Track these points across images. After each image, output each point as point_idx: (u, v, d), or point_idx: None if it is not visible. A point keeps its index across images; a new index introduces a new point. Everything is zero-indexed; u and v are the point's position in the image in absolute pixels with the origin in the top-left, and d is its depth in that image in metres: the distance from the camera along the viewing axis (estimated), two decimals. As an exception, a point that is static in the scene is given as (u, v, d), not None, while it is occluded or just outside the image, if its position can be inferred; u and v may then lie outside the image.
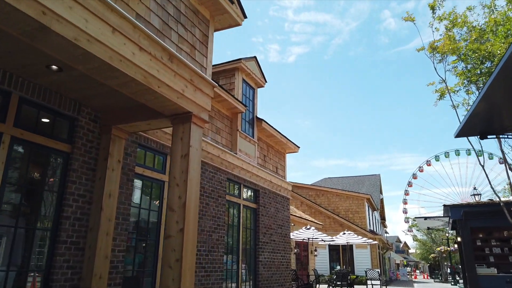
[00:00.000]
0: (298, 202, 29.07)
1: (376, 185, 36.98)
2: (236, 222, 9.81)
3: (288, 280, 11.95)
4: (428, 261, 57.25)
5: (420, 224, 11.29)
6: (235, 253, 9.60)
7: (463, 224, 9.42)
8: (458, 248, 11.29)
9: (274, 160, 12.51)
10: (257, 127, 11.23)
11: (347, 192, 28.79)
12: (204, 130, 8.93)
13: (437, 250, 34.97)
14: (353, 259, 26.47)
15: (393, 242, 76.86)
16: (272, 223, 11.45)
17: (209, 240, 8.31)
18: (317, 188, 29.58)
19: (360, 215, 27.98)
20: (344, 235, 15.70)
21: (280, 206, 12.16)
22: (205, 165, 8.53)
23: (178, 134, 5.41)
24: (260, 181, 11.00)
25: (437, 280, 37.54)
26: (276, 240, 11.52)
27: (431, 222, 11.14)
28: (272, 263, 11.07)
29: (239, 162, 9.82)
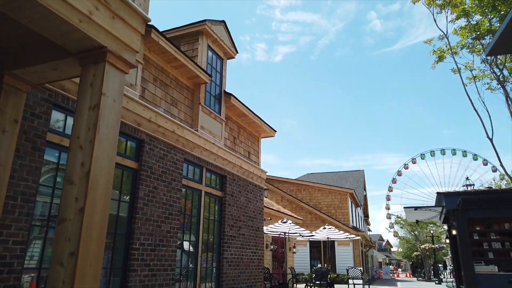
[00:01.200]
0: (279, 196, 27.71)
1: (359, 181, 35.93)
2: (195, 211, 8.30)
3: (259, 279, 10.50)
4: (411, 259, 56.77)
5: (410, 215, 9.99)
6: (193, 248, 8.10)
7: (460, 215, 8.14)
8: (450, 243, 10.04)
9: (246, 144, 11.04)
10: (225, 104, 9.73)
11: (330, 187, 27.55)
12: (156, 99, 7.40)
13: (421, 247, 34.14)
14: (335, 256, 25.25)
15: (376, 240, 76.48)
16: (242, 214, 9.98)
17: (157, 232, 6.78)
18: (298, 183, 28.25)
19: (343, 210, 26.77)
20: (324, 230, 14.40)
21: (252, 196, 10.70)
22: (154, 141, 7.00)
23: (87, 78, 3.87)
24: (228, 166, 9.51)
25: (420, 278, 36.75)
26: (246, 234, 10.06)
27: (421, 214, 9.85)
28: (240, 260, 9.60)
29: (201, 141, 8.31)
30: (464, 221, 8.11)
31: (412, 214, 10.04)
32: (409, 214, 10.02)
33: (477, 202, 8.11)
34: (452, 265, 10.46)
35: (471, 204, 8.08)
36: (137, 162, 6.66)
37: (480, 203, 8.15)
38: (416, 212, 9.59)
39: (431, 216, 10.38)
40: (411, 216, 10.37)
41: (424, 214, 10.03)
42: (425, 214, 10.08)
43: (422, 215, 10.14)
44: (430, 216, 10.37)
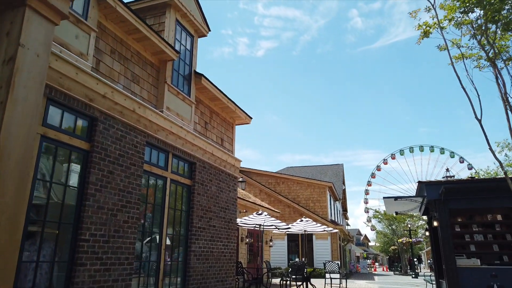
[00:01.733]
0: (257, 190, 27.13)
1: (339, 175, 35.75)
2: (159, 200, 7.58)
3: (231, 274, 9.87)
4: (388, 253, 57.40)
5: (389, 206, 9.53)
6: (155, 240, 7.38)
7: (441, 206, 7.70)
8: (430, 236, 9.64)
9: (219, 130, 10.34)
10: (196, 85, 9.00)
11: (309, 180, 27.15)
12: (113, 74, 6.62)
13: (398, 241, 34.29)
14: (313, 250, 24.91)
15: (354, 234, 77.20)
16: (213, 205, 9.31)
17: (112, 221, 6.04)
18: (277, 176, 27.74)
19: (322, 204, 26.44)
20: (301, 222, 13.89)
21: (225, 185, 10.03)
22: (110, 119, 6.23)
23: (3, 25, 3.12)
24: (198, 152, 8.80)
25: (396, 272, 36.99)
26: (217, 226, 9.39)
27: (401, 205, 9.41)
28: (210, 254, 8.94)
29: (166, 123, 7.57)
30: (445, 211, 7.68)
31: (391, 205, 9.59)
32: (389, 205, 9.56)
33: (459, 192, 7.69)
34: (432, 258, 10.07)
35: (453, 194, 7.66)
36: (88, 143, 5.88)
37: (462, 193, 7.74)
38: (396, 203, 9.14)
39: (411, 208, 9.97)
40: (391, 207, 9.93)
41: (404, 206, 9.60)
42: (405, 206, 9.65)
43: (401, 206, 9.71)
44: (410, 208, 9.95)
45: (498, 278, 7.11)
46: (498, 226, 7.97)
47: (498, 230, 7.94)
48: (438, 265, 9.70)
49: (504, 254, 7.72)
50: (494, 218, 8.05)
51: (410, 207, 9.92)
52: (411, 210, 10.36)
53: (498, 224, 7.98)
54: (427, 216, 10.15)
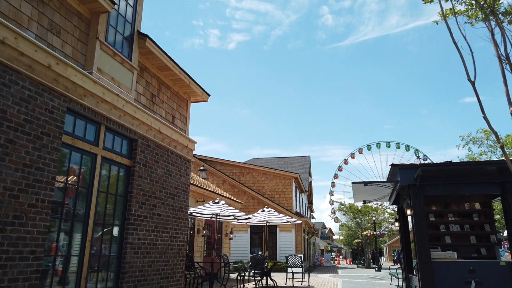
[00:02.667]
0: (220, 180, 25.92)
1: (305, 166, 35.15)
2: (87, 181, 6.22)
3: (179, 269, 8.66)
4: (352, 246, 57.90)
5: (358, 194, 8.62)
6: (79, 230, 6.04)
7: (416, 191, 6.83)
8: (400, 227, 8.82)
9: (169, 106, 9.04)
10: (140, 48, 7.64)
11: (274, 171, 26.21)
12: (20, 17, 5.20)
13: (363, 234, 34.18)
14: (276, 243, 24.06)
15: (319, 228, 77.66)
16: (158, 190, 8.03)
17: (11, 205, 4.67)
18: (242, 166, 26.61)
19: (287, 195, 25.59)
20: (263, 213, 12.85)
21: (175, 169, 8.77)
22: (12, 74, 4.85)
23: None
24: (140, 128, 7.49)
25: (359, 265, 37.01)
26: (163, 215, 8.13)
27: (370, 192, 8.51)
28: (152, 247, 7.68)
29: (97, 88, 6.21)
30: (421, 198, 6.82)
31: (360, 192, 8.69)
32: (357, 192, 8.65)
33: (436, 176, 6.85)
34: (401, 251, 9.27)
35: (430, 179, 6.80)
36: (-24, 100, 4.47)
37: (439, 178, 6.90)
38: (365, 190, 8.24)
39: (380, 196, 9.14)
40: (359, 195, 9.03)
41: (373, 193, 8.74)
42: (375, 193, 8.79)
43: (371, 194, 8.84)
44: (380, 196, 9.12)
45: (476, 273, 6.33)
46: (476, 216, 7.23)
47: (476, 220, 7.18)
48: (408, 258, 8.92)
49: (482, 246, 6.99)
50: (472, 207, 7.29)
51: (380, 195, 9.08)
52: (381, 199, 9.53)
53: (476, 214, 7.24)
54: (397, 206, 9.36)
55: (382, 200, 9.79)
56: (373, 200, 9.69)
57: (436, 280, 6.48)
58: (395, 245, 65.04)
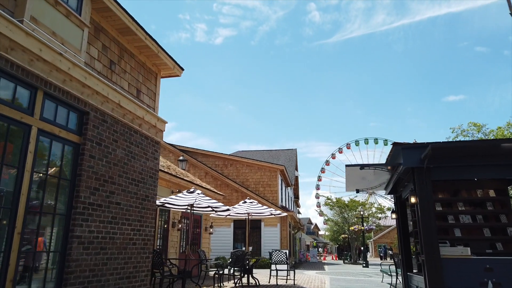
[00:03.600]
0: (202, 172, 24.63)
1: (292, 160, 34.10)
2: (16, 159, 4.92)
3: (144, 268, 7.43)
4: (338, 242, 57.32)
5: (351, 180, 7.50)
6: (3, 219, 4.75)
7: (423, 175, 5.76)
8: (397, 219, 7.76)
9: (134, 77, 7.75)
10: (93, 3, 6.34)
11: (259, 163, 25.05)
12: None
13: (350, 229, 33.37)
14: (261, 238, 22.96)
15: (305, 223, 77.02)
16: (117, 174, 6.77)
17: None
18: (225, 157, 25.36)
19: (272, 188, 24.48)
20: (244, 204, 11.66)
21: (139, 151, 7.51)
22: None
23: None
24: (94, 98, 6.20)
25: (346, 261, 36.25)
26: (123, 204, 6.88)
27: (365, 179, 7.41)
28: (109, 241, 6.44)
29: (30, 42, 4.90)
30: (428, 184, 5.74)
31: (353, 178, 7.59)
32: (351, 178, 7.55)
33: (447, 157, 5.76)
34: (398, 246, 8.19)
35: (438, 160, 5.72)
36: None
37: (450, 159, 5.82)
38: (359, 175, 7.13)
39: (376, 184, 8.07)
40: (352, 182, 7.92)
41: (369, 180, 7.65)
42: (370, 180, 7.71)
43: (365, 181, 7.76)
44: (376, 184, 8.05)
45: (494, 272, 5.29)
46: (490, 205, 6.19)
47: (490, 209, 6.14)
48: (406, 255, 7.87)
49: (497, 240, 5.95)
50: (485, 194, 6.25)
51: (376, 183, 8.00)
52: (376, 187, 8.46)
53: (490, 202, 6.20)
54: (395, 196, 8.30)
55: (378, 189, 8.73)
56: (368, 189, 8.61)
57: (446, 280, 5.41)
58: (380, 241, 64.81)
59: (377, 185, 8.16)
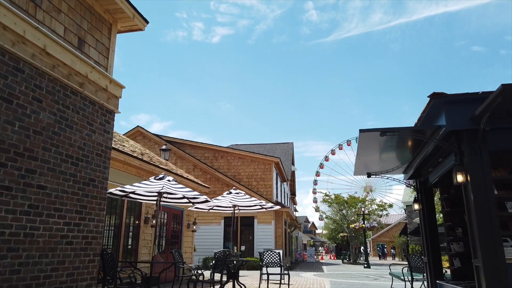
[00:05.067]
0: (191, 165, 22.71)
1: (288, 153, 32.24)
2: None
3: (86, 275, 5.53)
4: (336, 241, 55.60)
5: (363, 156, 5.62)
6: None
7: (477, 142, 3.98)
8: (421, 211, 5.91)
9: (73, 21, 5.82)
10: None
11: (252, 154, 23.14)
12: None
13: (351, 226, 31.54)
14: (254, 237, 21.07)
15: (302, 222, 75.25)
16: (42, 147, 4.88)
17: None
18: (215, 149, 23.43)
19: (266, 183, 22.59)
20: (229, 195, 9.73)
21: (80, 120, 5.61)
22: None
23: None
24: (0, 34, 4.29)
25: (345, 261, 34.45)
26: (50, 188, 4.99)
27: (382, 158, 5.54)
28: (26, 239, 4.56)
29: None
30: (484, 155, 3.91)
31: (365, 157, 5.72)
32: (362, 156, 5.72)
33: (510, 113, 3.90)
34: (423, 246, 6.31)
35: (501, 120, 3.85)
36: None
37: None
38: (373, 153, 5.26)
39: (395, 165, 6.22)
40: (363, 161, 6.07)
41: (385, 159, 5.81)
42: (387, 159, 5.87)
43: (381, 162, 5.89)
44: (394, 165, 6.20)
45: None
46: None
47: None
48: (434, 257, 6.03)
49: None
50: None
51: (394, 164, 6.17)
52: (393, 170, 6.60)
53: None
54: (418, 181, 6.46)
55: (394, 172, 6.88)
56: (383, 172, 6.75)
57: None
58: (379, 240, 63.04)
59: (394, 167, 6.30)
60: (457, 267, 5.57)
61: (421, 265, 8.92)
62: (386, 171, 6.76)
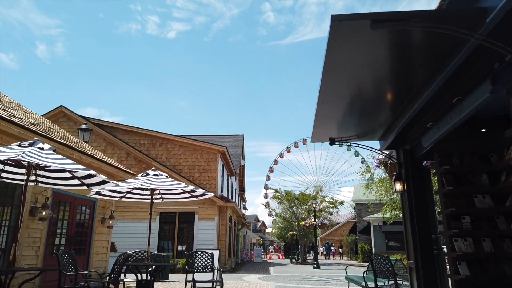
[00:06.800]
0: (123, 152, 19.78)
1: (237, 146, 30.05)
2: None
3: None
4: (285, 239, 54.27)
5: (332, 99, 3.51)
6: None
7: None
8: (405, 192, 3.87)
9: None
10: None
11: (195, 142, 20.61)
12: None
13: (301, 224, 29.91)
14: (193, 235, 18.60)
15: (252, 221, 73.50)
16: None
17: None
18: (152, 135, 20.60)
19: (210, 174, 20.18)
20: (144, 177, 7.18)
21: None
22: None
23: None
24: None
25: (294, 260, 32.88)
26: None
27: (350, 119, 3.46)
28: None
29: None
30: None
31: (330, 112, 3.64)
32: (327, 105, 3.59)
33: None
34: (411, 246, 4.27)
35: None
36: None
37: None
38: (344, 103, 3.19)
39: (367, 129, 4.18)
40: (326, 117, 3.99)
41: (359, 118, 3.76)
42: (361, 119, 3.81)
43: (352, 120, 3.84)
44: (366, 128, 4.16)
45: None
46: None
47: None
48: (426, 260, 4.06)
49: None
50: None
51: (367, 127, 4.12)
52: (366, 135, 4.57)
53: None
54: (400, 150, 4.51)
55: (370, 137, 4.89)
56: (351, 137, 4.70)
57: None
58: (328, 238, 62.74)
59: (367, 130, 4.25)
60: (465, 277, 3.67)
61: (388, 268, 7.08)
62: (357, 136, 4.75)
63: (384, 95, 4.08)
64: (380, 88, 3.98)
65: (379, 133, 4.73)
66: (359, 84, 3.52)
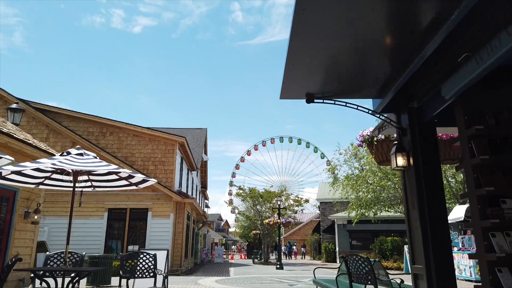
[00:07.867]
0: (69, 141, 17.66)
1: (200, 140, 28.40)
2: None
3: None
4: (248, 239, 53.01)
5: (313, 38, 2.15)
6: None
7: None
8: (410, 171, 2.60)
9: None
10: None
11: (150, 131, 18.81)
12: None
13: (264, 222, 28.64)
14: (146, 233, 16.84)
15: (215, 220, 71.71)
16: None
17: None
18: (102, 122, 18.58)
19: (167, 167, 18.47)
20: (64, 156, 5.54)
21: None
22: None
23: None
24: None
25: (256, 260, 31.62)
26: None
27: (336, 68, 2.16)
28: None
29: None
30: None
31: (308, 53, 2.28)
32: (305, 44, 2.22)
33: None
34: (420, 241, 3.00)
35: None
36: None
37: None
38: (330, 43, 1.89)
39: (355, 85, 2.73)
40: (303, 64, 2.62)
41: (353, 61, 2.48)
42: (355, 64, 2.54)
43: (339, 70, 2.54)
44: (355, 85, 2.71)
45: None
46: None
47: None
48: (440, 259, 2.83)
49: None
50: None
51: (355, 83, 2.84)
52: (353, 92, 3.19)
53: None
54: (401, 113, 3.27)
55: (359, 93, 3.58)
56: (337, 94, 3.38)
57: None
58: (291, 238, 62.13)
59: (361, 83, 2.96)
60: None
61: (367, 271, 5.88)
62: (342, 92, 3.46)
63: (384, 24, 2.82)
64: (380, 15, 2.72)
65: (373, 89, 3.46)
66: (353, 10, 2.26)
